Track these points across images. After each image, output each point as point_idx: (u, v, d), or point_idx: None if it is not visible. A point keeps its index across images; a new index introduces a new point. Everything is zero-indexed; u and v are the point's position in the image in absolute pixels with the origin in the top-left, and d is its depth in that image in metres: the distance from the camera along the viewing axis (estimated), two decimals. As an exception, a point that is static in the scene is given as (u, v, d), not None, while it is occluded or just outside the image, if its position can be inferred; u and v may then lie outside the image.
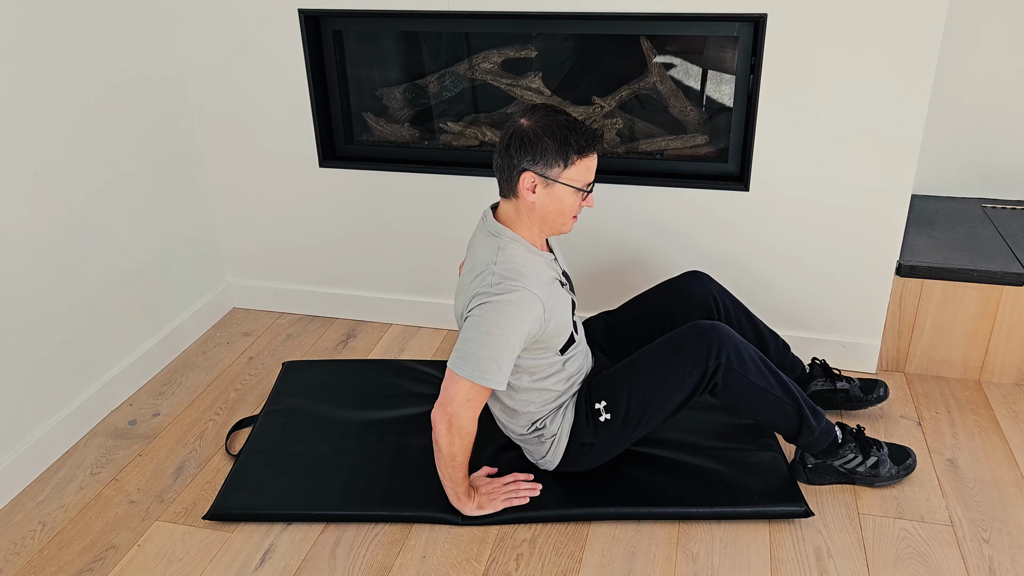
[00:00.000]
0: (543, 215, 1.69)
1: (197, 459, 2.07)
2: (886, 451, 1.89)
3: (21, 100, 1.93)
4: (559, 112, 1.65)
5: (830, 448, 1.85)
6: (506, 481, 1.88)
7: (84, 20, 2.09)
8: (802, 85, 2.07)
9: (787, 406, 1.78)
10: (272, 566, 1.73)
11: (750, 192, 2.23)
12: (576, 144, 1.61)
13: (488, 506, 1.82)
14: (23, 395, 2.00)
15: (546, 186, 1.64)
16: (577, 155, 1.62)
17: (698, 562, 1.71)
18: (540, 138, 1.61)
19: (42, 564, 1.76)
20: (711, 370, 1.74)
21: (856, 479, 1.88)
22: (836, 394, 2.11)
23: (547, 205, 1.67)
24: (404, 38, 2.43)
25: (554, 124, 1.62)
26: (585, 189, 1.67)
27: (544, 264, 1.72)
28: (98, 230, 2.20)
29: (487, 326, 1.63)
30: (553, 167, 1.62)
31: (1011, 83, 2.47)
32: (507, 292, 1.63)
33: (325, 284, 2.72)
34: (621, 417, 1.80)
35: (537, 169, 1.63)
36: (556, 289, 1.73)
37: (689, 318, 1.97)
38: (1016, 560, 1.70)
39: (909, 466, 1.90)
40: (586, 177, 1.66)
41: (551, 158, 1.62)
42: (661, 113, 2.35)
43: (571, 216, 1.70)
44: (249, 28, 2.37)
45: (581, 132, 1.62)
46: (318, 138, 2.47)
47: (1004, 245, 2.32)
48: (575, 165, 1.63)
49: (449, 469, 1.75)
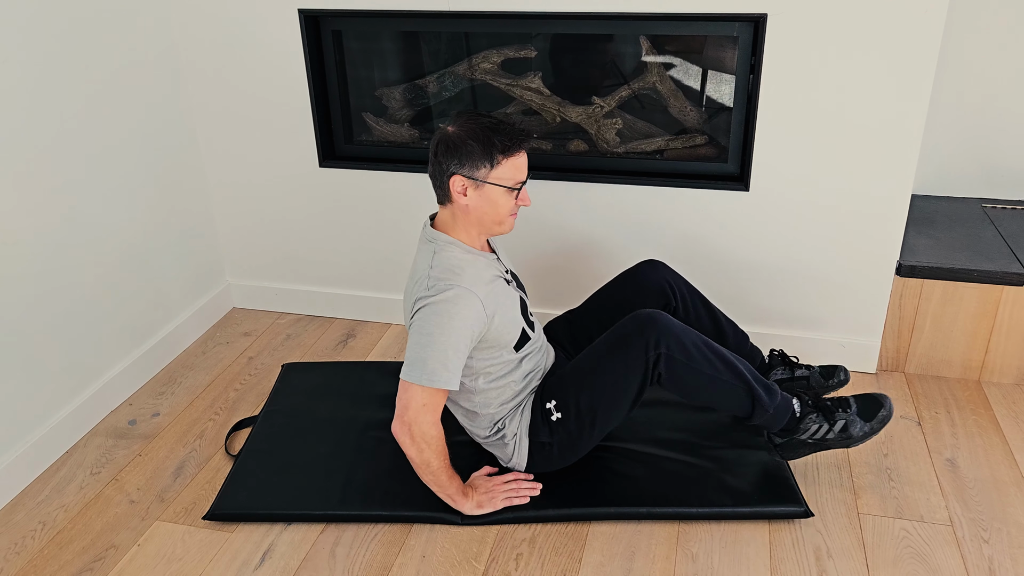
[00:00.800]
0: (478, 216, 1.71)
1: (197, 459, 2.07)
2: (854, 408, 1.83)
3: (21, 100, 1.93)
4: (484, 116, 1.69)
5: (791, 423, 1.83)
6: (506, 479, 1.87)
7: (83, 20, 2.09)
8: (802, 85, 2.07)
9: (736, 388, 1.77)
10: (272, 566, 1.73)
11: (750, 192, 2.23)
12: (500, 144, 1.64)
13: (487, 505, 1.82)
14: (23, 395, 2.00)
15: (476, 188, 1.67)
16: (502, 155, 1.65)
17: (698, 562, 1.72)
18: (465, 141, 1.64)
19: (42, 564, 1.76)
20: (652, 361, 1.73)
21: (829, 446, 1.84)
22: (796, 382, 2.10)
23: (481, 206, 1.69)
24: (404, 38, 2.44)
25: (478, 127, 1.65)
26: (515, 187, 1.69)
27: (484, 263, 1.74)
28: (98, 230, 2.20)
29: (428, 328, 1.65)
30: (480, 168, 1.65)
31: (1011, 83, 2.47)
32: (442, 292, 1.66)
33: (325, 284, 2.72)
34: (572, 416, 1.80)
35: (465, 172, 1.66)
36: (500, 287, 1.74)
37: (645, 307, 1.95)
38: (1016, 560, 1.70)
39: (883, 417, 1.81)
40: (516, 175, 1.68)
41: (477, 160, 1.64)
42: (661, 113, 2.35)
43: (507, 215, 1.72)
44: (249, 28, 2.37)
45: (505, 132, 1.65)
46: (318, 138, 2.47)
47: (1004, 245, 2.32)
48: (501, 165, 1.65)
49: (429, 476, 1.75)
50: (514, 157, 1.67)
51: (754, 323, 2.40)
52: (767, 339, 2.39)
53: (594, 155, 2.38)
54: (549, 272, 2.50)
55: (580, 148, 2.40)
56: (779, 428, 1.84)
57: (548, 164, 2.40)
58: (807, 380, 2.10)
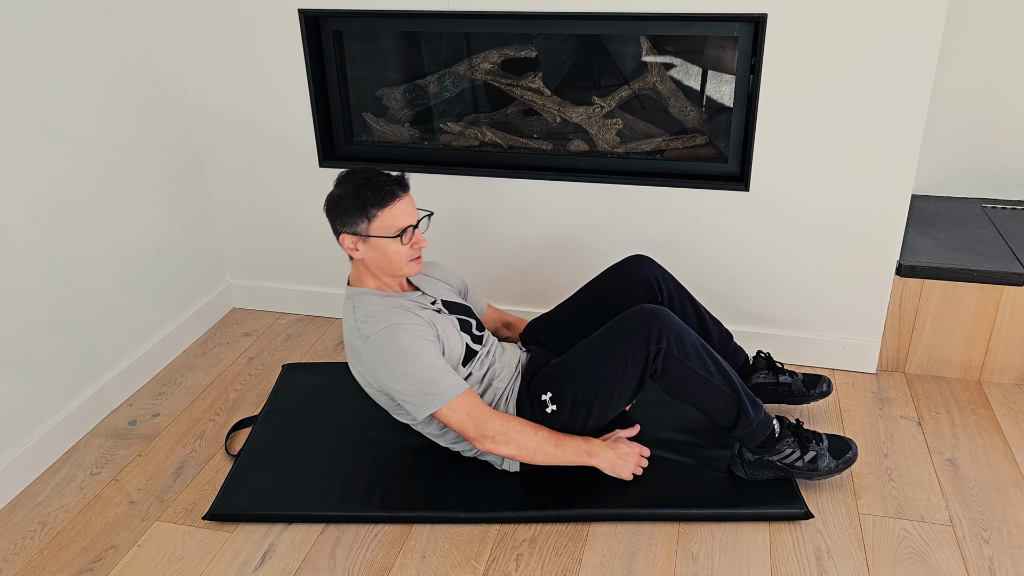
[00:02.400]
0: (377, 266, 1.80)
1: (197, 459, 2.07)
2: (826, 444, 1.86)
3: (21, 100, 1.93)
4: (359, 172, 1.78)
5: (767, 441, 1.83)
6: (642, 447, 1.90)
7: (83, 21, 2.08)
8: (802, 85, 2.07)
9: (726, 395, 1.78)
10: (272, 566, 1.73)
11: (750, 192, 2.23)
12: (373, 198, 1.73)
13: (621, 470, 1.85)
14: (23, 395, 2.00)
15: (364, 242, 1.77)
16: (376, 208, 1.74)
17: (698, 562, 1.71)
18: (340, 201, 1.75)
19: (42, 564, 1.76)
20: (652, 354, 1.75)
21: (794, 473, 1.85)
22: (779, 387, 2.10)
23: (374, 258, 1.79)
24: (404, 38, 2.43)
25: (352, 184, 1.76)
26: (400, 235, 1.76)
27: (406, 303, 1.82)
28: (98, 230, 2.20)
29: (398, 365, 1.72)
30: (360, 224, 1.75)
31: (1012, 83, 2.47)
32: (376, 333, 1.74)
33: (325, 284, 2.72)
34: (568, 407, 1.81)
35: (348, 230, 1.76)
36: (428, 316, 1.81)
37: (632, 302, 1.98)
38: (1016, 560, 1.70)
39: (849, 459, 1.85)
40: (396, 223, 1.76)
41: (355, 217, 1.75)
42: (661, 113, 2.35)
43: (404, 260, 1.79)
44: (249, 28, 2.37)
45: (376, 185, 1.74)
46: (318, 138, 2.47)
47: (1004, 245, 2.32)
48: (378, 217, 1.74)
49: (549, 454, 1.79)
50: (390, 207, 1.75)
51: (754, 323, 2.40)
52: (767, 339, 2.39)
53: (594, 155, 2.38)
54: (549, 272, 2.50)
55: (580, 148, 2.40)
56: (755, 444, 1.83)
57: (548, 164, 2.40)
58: (789, 387, 2.10)
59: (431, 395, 1.71)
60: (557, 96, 2.37)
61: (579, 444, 1.82)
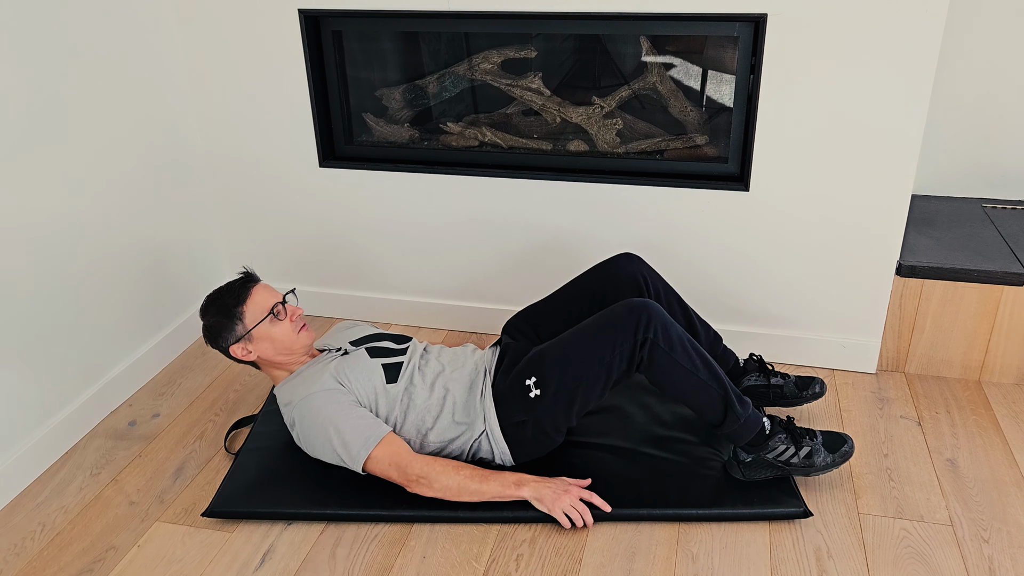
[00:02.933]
0: (275, 353, 1.92)
1: (197, 460, 2.07)
2: (820, 440, 1.85)
3: (19, 101, 1.93)
4: (212, 293, 1.93)
5: (758, 439, 1.82)
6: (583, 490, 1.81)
7: (83, 20, 2.08)
8: (802, 85, 2.07)
9: (712, 390, 1.78)
10: (272, 566, 1.73)
11: (750, 192, 2.23)
12: (232, 301, 1.89)
13: (549, 504, 1.78)
14: (23, 396, 2.00)
15: (249, 341, 1.90)
16: (239, 306, 1.89)
17: (698, 562, 1.71)
18: (211, 325, 1.91)
19: (42, 565, 1.76)
20: (639, 343, 1.76)
21: (791, 471, 1.84)
22: (771, 389, 2.09)
23: (267, 348, 1.91)
24: (404, 38, 2.43)
25: (211, 307, 1.91)
26: (273, 314, 1.89)
27: (315, 369, 1.91)
28: (97, 230, 2.20)
29: (321, 423, 1.81)
30: (235, 328, 1.89)
31: (1012, 83, 2.48)
32: (297, 411, 1.85)
33: (325, 284, 2.72)
34: (552, 392, 1.80)
35: (231, 340, 1.90)
36: (335, 365, 1.89)
37: (619, 298, 2.00)
38: (1016, 560, 1.70)
39: (845, 453, 1.84)
40: (264, 306, 1.90)
41: (229, 326, 1.89)
42: (661, 113, 2.35)
43: (293, 334, 1.92)
44: (249, 28, 2.37)
45: (229, 291, 1.91)
46: (318, 138, 2.47)
47: (1004, 245, 2.32)
48: (246, 313, 1.89)
49: (474, 491, 1.78)
50: (250, 299, 1.90)
51: (754, 323, 2.40)
52: (767, 339, 2.39)
53: (594, 155, 2.38)
54: (549, 271, 2.50)
55: (580, 148, 2.40)
56: (746, 442, 1.83)
57: (548, 164, 2.40)
58: (781, 388, 2.09)
59: (356, 442, 1.78)
60: (557, 96, 2.37)
61: (506, 477, 1.80)
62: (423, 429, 1.88)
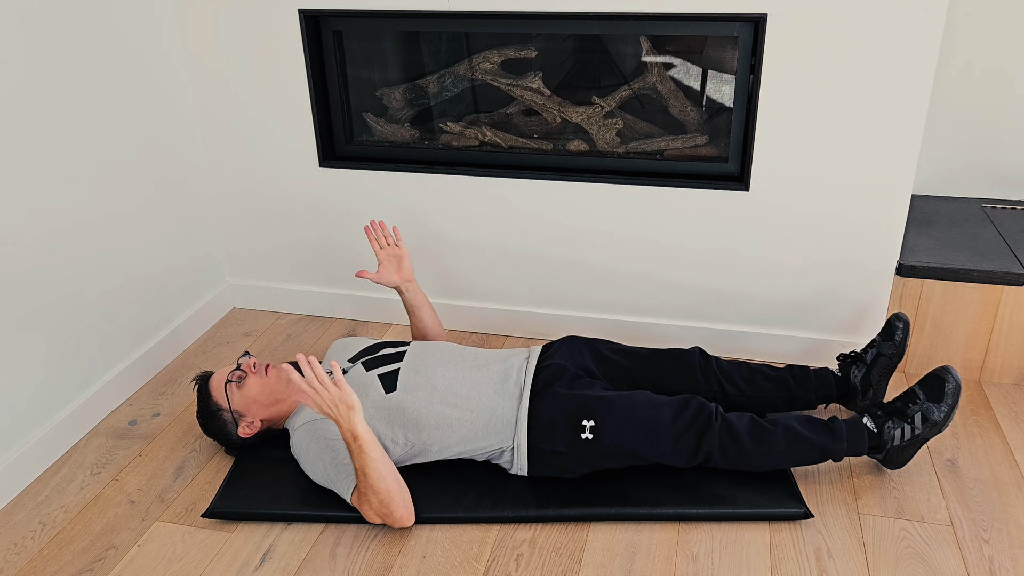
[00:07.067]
0: (267, 406, 1.96)
1: (197, 459, 2.07)
2: (923, 396, 1.84)
3: (19, 101, 1.93)
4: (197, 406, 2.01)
5: (874, 442, 1.85)
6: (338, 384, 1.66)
7: (83, 21, 2.09)
8: (802, 85, 2.07)
9: (797, 450, 1.83)
10: (272, 566, 1.73)
11: (750, 192, 2.23)
12: (204, 407, 1.97)
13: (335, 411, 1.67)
14: (23, 395, 2.00)
15: (242, 418, 1.95)
16: (207, 403, 1.97)
17: (698, 563, 1.72)
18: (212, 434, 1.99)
19: (42, 564, 1.76)
20: (702, 456, 1.83)
21: (924, 439, 1.84)
22: (878, 361, 2.05)
23: (257, 409, 1.96)
24: (404, 38, 2.44)
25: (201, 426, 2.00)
26: (231, 382, 1.94)
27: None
28: (98, 230, 2.20)
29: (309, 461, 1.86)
30: (225, 420, 1.96)
31: (1012, 83, 2.47)
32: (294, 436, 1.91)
33: (325, 284, 2.72)
34: (603, 442, 1.82)
35: (233, 431, 1.97)
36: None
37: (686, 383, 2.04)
38: (1016, 560, 1.70)
39: (952, 391, 1.81)
40: (222, 383, 1.96)
41: (220, 423, 1.96)
42: (661, 113, 2.35)
43: (265, 382, 1.96)
44: (249, 28, 2.37)
45: (199, 404, 1.99)
46: (318, 138, 2.47)
47: (1004, 245, 2.32)
48: (219, 403, 1.95)
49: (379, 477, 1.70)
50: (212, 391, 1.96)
51: (754, 323, 2.40)
52: (767, 339, 2.39)
53: (594, 155, 2.38)
54: (549, 271, 2.50)
55: (580, 148, 2.40)
56: (868, 450, 1.86)
57: (548, 164, 2.40)
58: (881, 355, 2.05)
59: (338, 488, 1.79)
60: (557, 96, 2.37)
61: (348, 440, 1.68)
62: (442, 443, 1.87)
